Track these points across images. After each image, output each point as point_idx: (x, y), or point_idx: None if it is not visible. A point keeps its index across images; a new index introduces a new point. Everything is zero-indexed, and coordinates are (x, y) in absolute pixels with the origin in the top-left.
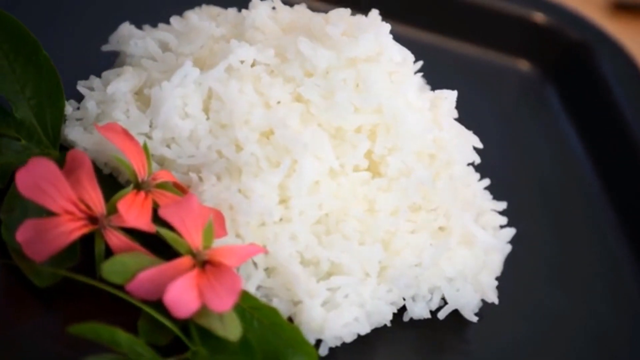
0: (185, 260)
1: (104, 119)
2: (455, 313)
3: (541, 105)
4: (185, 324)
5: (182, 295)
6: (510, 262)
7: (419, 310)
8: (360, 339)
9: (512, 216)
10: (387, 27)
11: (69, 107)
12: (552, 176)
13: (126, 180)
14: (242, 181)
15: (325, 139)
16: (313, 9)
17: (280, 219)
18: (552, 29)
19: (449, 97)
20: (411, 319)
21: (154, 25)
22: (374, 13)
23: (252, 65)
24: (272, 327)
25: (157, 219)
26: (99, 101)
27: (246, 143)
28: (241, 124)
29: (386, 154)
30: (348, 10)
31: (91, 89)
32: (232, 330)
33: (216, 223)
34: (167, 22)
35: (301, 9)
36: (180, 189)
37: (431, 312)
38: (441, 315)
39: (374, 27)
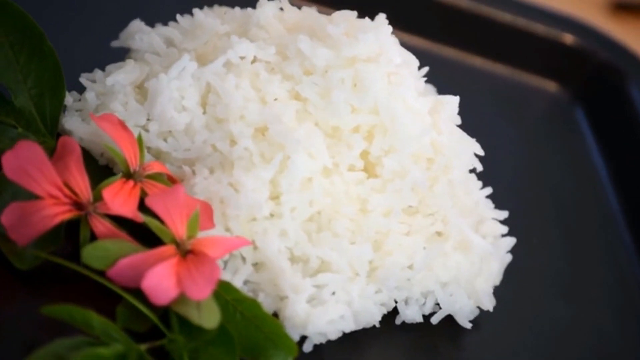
0: (168, 249)
1: (103, 110)
2: (452, 320)
3: (568, 126)
4: (166, 313)
5: (161, 282)
6: (516, 273)
7: (411, 314)
8: (351, 340)
9: (525, 229)
10: (389, 29)
11: (70, 98)
12: (571, 193)
13: (121, 171)
14: (233, 175)
15: (320, 137)
16: (322, 13)
17: (272, 215)
18: (582, 51)
19: (450, 103)
20: (405, 323)
21: (166, 24)
22: (381, 17)
23: (253, 62)
24: (254, 320)
25: (145, 208)
26: (99, 93)
27: (240, 138)
28: (236, 118)
29: (382, 155)
30: (354, 13)
31: (93, 81)
32: (209, 319)
33: (204, 215)
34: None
35: (308, 11)
36: (173, 181)
37: (425, 316)
38: (434, 320)
39: (375, 28)
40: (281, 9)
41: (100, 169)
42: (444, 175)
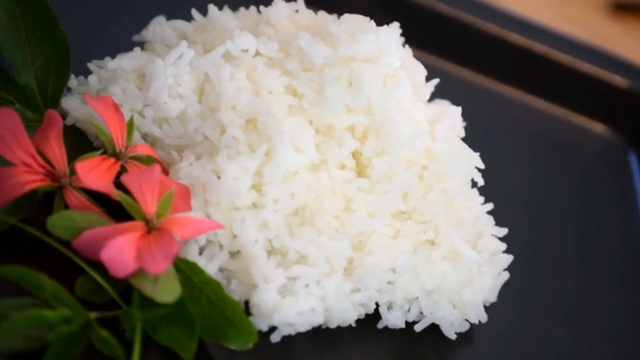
0: (135, 225)
1: (104, 94)
2: (440, 331)
3: (618, 169)
4: (129, 288)
5: (120, 254)
6: (522, 295)
7: (393, 319)
8: (329, 340)
9: (547, 258)
10: (390, 32)
11: (75, 82)
12: (609, 235)
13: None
14: (216, 162)
15: (309, 131)
16: None
17: (255, 206)
18: (635, 94)
19: (452, 113)
20: (390, 329)
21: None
22: (395, 25)
23: (255, 56)
24: (218, 303)
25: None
26: (103, 78)
27: (230, 126)
28: (227, 108)
29: (374, 156)
30: (366, 18)
31: (101, 67)
32: (164, 293)
33: (180, 197)
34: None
35: (323, 15)
36: (160, 165)
37: (411, 324)
38: (418, 327)
39: (377, 30)
40: (297, 11)
41: (94, 150)
42: (438, 183)
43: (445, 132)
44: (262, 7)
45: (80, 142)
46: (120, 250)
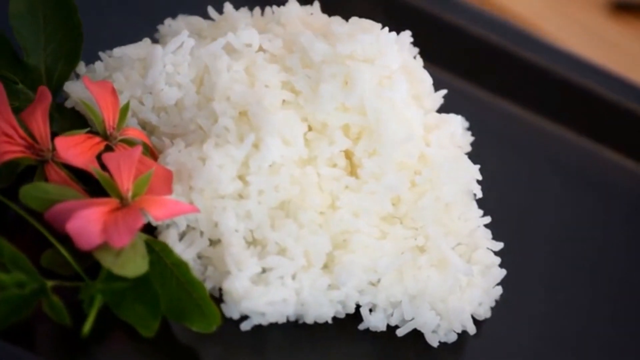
0: (109, 200)
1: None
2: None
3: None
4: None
5: (87, 226)
6: (519, 312)
7: (375, 321)
8: (306, 337)
9: (550, 278)
10: (392, 35)
11: (84, 69)
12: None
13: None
14: (202, 149)
15: (300, 126)
16: None
17: (241, 196)
18: None
19: (452, 121)
20: (370, 331)
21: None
22: (406, 34)
23: (257, 51)
24: (186, 285)
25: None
26: (110, 66)
27: (222, 116)
28: (222, 98)
29: (366, 157)
30: (378, 26)
31: (111, 56)
32: (126, 268)
33: (162, 181)
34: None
35: (337, 19)
36: (151, 151)
37: (394, 328)
38: (400, 332)
39: (378, 31)
40: (312, 14)
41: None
42: (431, 190)
43: (441, 138)
44: (275, 7)
45: (77, 124)
46: (87, 222)
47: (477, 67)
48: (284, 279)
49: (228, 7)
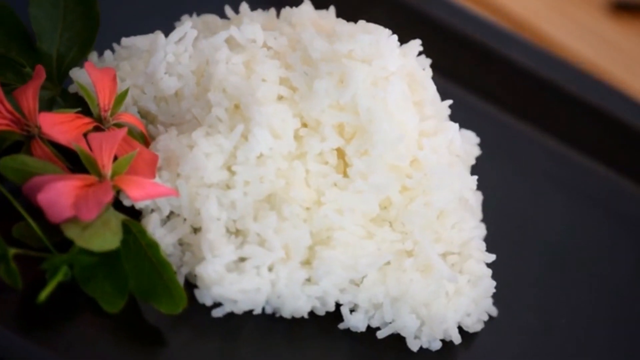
0: (86, 177)
1: (116, 69)
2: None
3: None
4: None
5: (58, 198)
6: (514, 327)
7: (355, 322)
8: (282, 331)
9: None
10: (394, 38)
11: (95, 57)
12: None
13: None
14: (191, 136)
15: (291, 121)
16: None
17: (228, 187)
18: None
19: (450, 129)
20: (351, 332)
21: None
22: (416, 42)
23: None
24: (158, 266)
25: None
26: (120, 56)
27: (215, 107)
28: (217, 89)
29: (357, 156)
30: (382, 28)
31: (121, 45)
32: (91, 242)
33: (146, 164)
34: None
35: (341, 20)
36: (145, 137)
37: (376, 330)
38: (380, 334)
39: (378, 33)
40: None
41: None
42: (422, 195)
43: (436, 144)
44: (287, 8)
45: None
46: (58, 194)
47: (498, 87)
48: (259, 269)
49: (244, 6)
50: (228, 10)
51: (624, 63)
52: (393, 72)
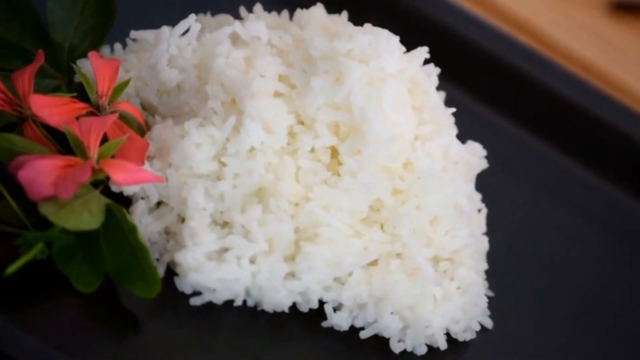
0: (69, 158)
1: (124, 62)
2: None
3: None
4: None
5: (38, 176)
6: (509, 340)
7: (338, 320)
8: (263, 324)
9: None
10: (395, 39)
11: (107, 51)
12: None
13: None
14: (184, 126)
15: (285, 117)
16: None
17: (219, 178)
18: None
19: (447, 134)
20: (335, 331)
21: None
22: (423, 49)
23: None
24: (137, 250)
25: None
26: (130, 50)
27: (212, 99)
28: (215, 82)
29: (349, 156)
30: (388, 33)
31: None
32: (66, 220)
33: (136, 151)
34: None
35: (345, 21)
36: (141, 126)
37: (360, 329)
38: (363, 335)
39: (379, 33)
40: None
41: None
42: (414, 198)
43: (431, 149)
44: (298, 9)
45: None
46: (38, 173)
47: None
48: (240, 260)
49: (258, 7)
50: (242, 10)
51: (624, 63)
52: (391, 73)
